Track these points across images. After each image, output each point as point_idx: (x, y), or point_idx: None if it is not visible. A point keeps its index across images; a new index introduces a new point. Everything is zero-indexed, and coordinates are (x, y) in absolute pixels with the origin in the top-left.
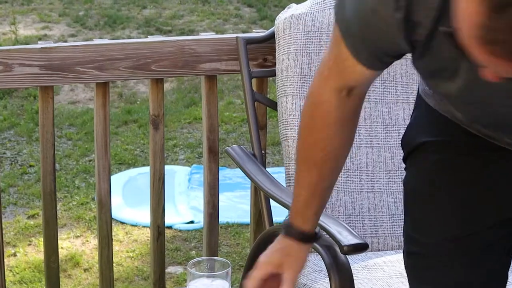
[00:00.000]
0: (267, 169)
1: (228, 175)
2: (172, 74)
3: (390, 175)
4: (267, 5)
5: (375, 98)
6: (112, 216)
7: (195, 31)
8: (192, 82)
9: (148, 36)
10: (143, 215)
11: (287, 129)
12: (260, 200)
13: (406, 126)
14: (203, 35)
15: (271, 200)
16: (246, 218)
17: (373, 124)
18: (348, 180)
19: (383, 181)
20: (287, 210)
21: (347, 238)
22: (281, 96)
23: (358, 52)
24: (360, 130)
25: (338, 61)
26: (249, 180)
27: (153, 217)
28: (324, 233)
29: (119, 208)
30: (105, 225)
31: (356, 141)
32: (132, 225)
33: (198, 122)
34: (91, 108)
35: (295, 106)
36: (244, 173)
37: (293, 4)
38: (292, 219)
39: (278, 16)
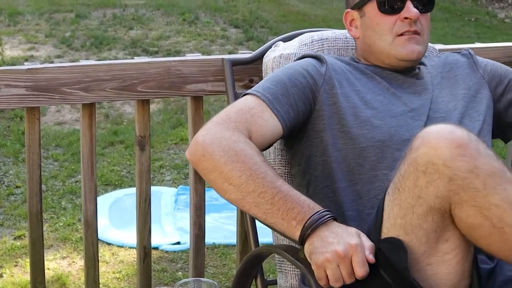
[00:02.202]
0: None
1: (215, 196)
2: (158, 95)
3: None
4: (253, 26)
5: None
6: (99, 237)
7: (182, 52)
8: (178, 103)
9: (135, 57)
10: (130, 236)
11: (275, 168)
12: (246, 221)
13: None
14: (189, 56)
15: (256, 221)
16: (232, 239)
17: None
18: None
19: None
20: (273, 231)
21: None
22: None
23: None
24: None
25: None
26: None
27: (140, 238)
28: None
29: (106, 229)
30: (91, 246)
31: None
32: (119, 246)
33: (184, 143)
34: (78, 129)
35: (280, 140)
36: None
37: (280, 43)
38: (314, 210)
39: (266, 54)
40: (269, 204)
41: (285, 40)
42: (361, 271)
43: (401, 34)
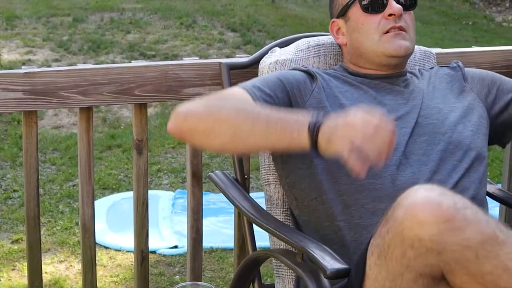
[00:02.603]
0: (250, 194)
1: (212, 200)
2: (156, 99)
3: None
4: (251, 30)
5: None
6: (96, 241)
7: (179, 56)
8: (176, 107)
9: (132, 61)
10: (127, 240)
11: (269, 174)
12: (244, 225)
13: None
14: (186, 60)
15: (254, 225)
16: (230, 243)
17: None
18: None
19: None
20: (271, 235)
21: (330, 263)
22: None
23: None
24: None
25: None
26: (233, 205)
27: (137, 241)
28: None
29: (103, 233)
30: (89, 250)
31: None
32: (116, 250)
33: (182, 147)
34: (75, 133)
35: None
36: (228, 199)
37: (277, 48)
38: (309, 114)
39: (262, 60)
40: (264, 127)
41: (281, 44)
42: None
43: (387, 32)
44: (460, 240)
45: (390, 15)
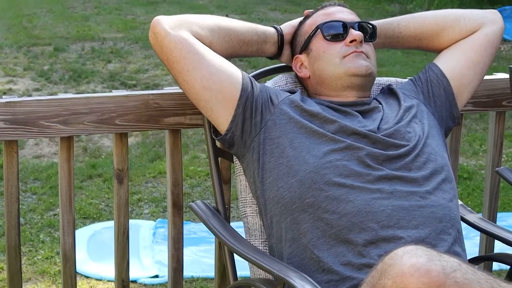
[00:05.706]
0: (231, 223)
1: (193, 229)
2: (137, 128)
3: None
4: (231, 60)
5: None
6: (77, 270)
7: (160, 85)
8: (156, 136)
9: (113, 90)
10: (108, 269)
11: (246, 206)
12: (224, 254)
13: None
14: (167, 89)
15: (235, 255)
16: (211, 272)
17: None
18: None
19: None
20: (251, 265)
21: None
22: (239, 175)
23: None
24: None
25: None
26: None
27: (118, 271)
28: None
29: (84, 262)
30: (69, 280)
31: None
32: (97, 279)
33: (163, 176)
34: (56, 162)
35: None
36: (208, 229)
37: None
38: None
39: None
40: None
41: (260, 75)
42: None
43: (348, 55)
44: None
45: (351, 41)
